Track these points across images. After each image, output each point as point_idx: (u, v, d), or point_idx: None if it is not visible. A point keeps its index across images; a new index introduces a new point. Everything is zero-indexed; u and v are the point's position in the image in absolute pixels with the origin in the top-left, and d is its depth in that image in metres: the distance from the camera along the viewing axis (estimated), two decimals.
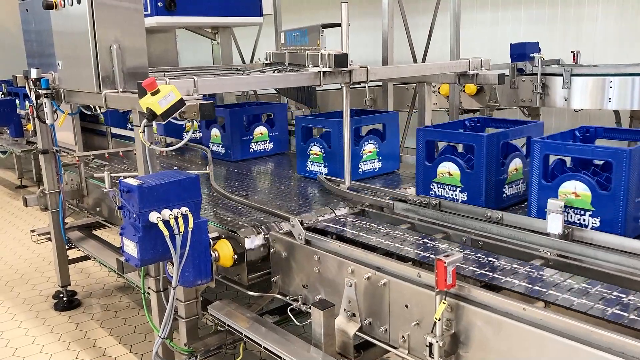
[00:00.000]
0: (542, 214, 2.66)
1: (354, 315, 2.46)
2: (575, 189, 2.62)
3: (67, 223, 4.30)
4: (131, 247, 2.52)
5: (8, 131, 7.94)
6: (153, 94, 2.33)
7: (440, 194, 3.16)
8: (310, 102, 3.99)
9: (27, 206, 4.15)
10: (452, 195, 3.12)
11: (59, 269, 4.28)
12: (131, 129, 5.92)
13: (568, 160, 2.87)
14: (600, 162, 2.85)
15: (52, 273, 4.84)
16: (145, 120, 2.42)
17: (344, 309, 2.49)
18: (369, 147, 3.87)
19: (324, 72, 3.02)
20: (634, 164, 2.48)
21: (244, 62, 7.48)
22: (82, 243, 4.21)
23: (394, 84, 5.59)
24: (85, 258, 4.43)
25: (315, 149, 3.85)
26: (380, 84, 6.59)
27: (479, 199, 3.02)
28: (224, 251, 2.77)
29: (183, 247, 2.49)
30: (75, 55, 3.25)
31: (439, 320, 2.01)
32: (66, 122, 3.98)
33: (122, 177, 2.54)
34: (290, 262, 2.76)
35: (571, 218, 2.63)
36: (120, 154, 4.80)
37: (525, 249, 2.49)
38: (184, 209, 2.50)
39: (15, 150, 7.57)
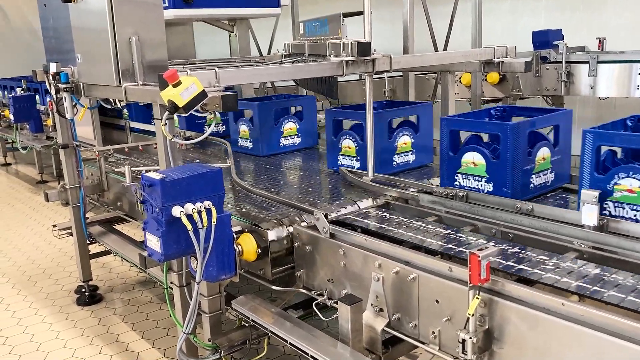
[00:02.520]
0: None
1: (381, 310, 2.40)
2: (631, 186, 2.44)
3: (88, 218, 4.29)
4: (154, 242, 2.48)
5: (28, 127, 7.99)
6: (175, 86, 2.29)
7: (465, 184, 3.08)
8: (332, 94, 3.92)
9: (48, 201, 4.14)
10: (477, 185, 3.04)
11: (81, 264, 4.27)
12: (152, 123, 5.92)
13: (619, 151, 2.75)
14: None
15: (73, 268, 4.85)
16: (167, 112, 2.38)
17: (371, 304, 2.43)
18: (404, 139, 3.74)
19: (346, 62, 2.96)
20: None
21: (261, 54, 7.42)
22: (104, 238, 4.20)
23: (415, 74, 5.49)
24: (106, 252, 4.42)
25: (348, 143, 3.74)
26: (400, 74, 6.51)
27: (506, 189, 2.93)
28: (248, 245, 2.72)
29: (207, 241, 2.45)
30: (94, 49, 3.23)
31: (472, 316, 1.95)
32: (85, 116, 3.96)
33: (144, 171, 2.50)
34: (314, 256, 2.71)
35: (627, 214, 2.47)
36: (140, 148, 4.77)
37: (558, 241, 2.41)
38: (207, 203, 2.45)
39: (35, 145, 7.61)
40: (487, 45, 3.73)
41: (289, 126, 4.43)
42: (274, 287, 2.80)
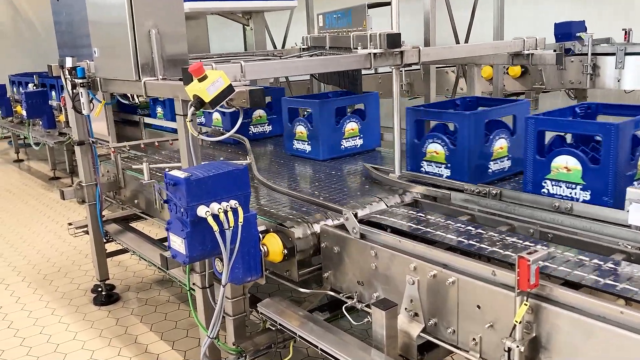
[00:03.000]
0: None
1: (416, 315, 2.29)
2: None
3: (104, 216, 4.21)
4: (178, 243, 2.38)
5: (41, 123, 7.94)
6: (200, 80, 2.18)
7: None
8: (356, 88, 3.79)
9: (64, 199, 4.07)
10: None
11: (97, 263, 4.19)
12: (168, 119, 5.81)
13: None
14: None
15: (89, 266, 4.77)
16: (192, 108, 2.27)
17: (405, 308, 2.32)
18: (500, 143, 3.26)
19: (374, 54, 2.84)
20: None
21: (275, 47, 7.31)
22: (121, 236, 4.11)
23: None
24: (123, 251, 4.33)
25: (435, 147, 3.21)
26: (418, 67, 6.39)
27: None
28: (273, 246, 2.62)
29: (233, 242, 2.35)
30: (112, 42, 3.13)
31: (520, 323, 1.83)
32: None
33: (167, 169, 2.40)
34: (343, 257, 2.60)
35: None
36: (156, 144, 4.68)
37: (603, 242, 2.29)
38: (233, 202, 2.35)
39: (48, 141, 7.55)
40: (516, 37, 3.60)
41: (351, 126, 3.97)
42: (302, 290, 2.70)
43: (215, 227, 2.27)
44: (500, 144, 3.24)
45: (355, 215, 2.54)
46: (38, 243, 5.60)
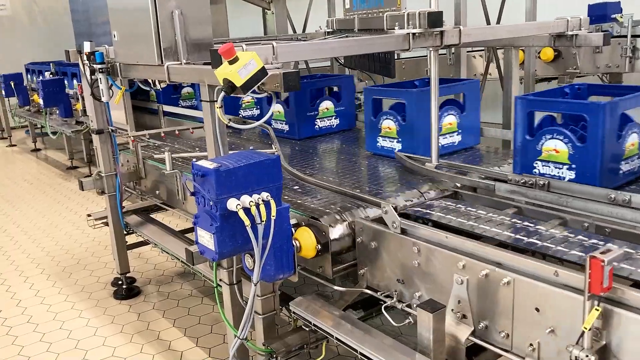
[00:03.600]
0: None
1: (464, 317, 2.12)
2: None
3: (124, 207, 4.07)
4: (207, 239, 2.22)
5: (57, 111, 7.83)
6: (231, 63, 2.00)
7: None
8: (389, 72, 3.59)
9: (83, 190, 3.93)
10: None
11: (118, 255, 4.06)
12: (184, 107, 5.66)
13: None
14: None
15: (109, 258, 4.65)
16: (222, 93, 2.09)
17: (452, 309, 2.15)
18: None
19: (413, 34, 2.64)
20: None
21: (295, 32, 7.10)
22: (142, 228, 3.97)
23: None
24: (144, 243, 4.20)
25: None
26: (444, 52, 6.15)
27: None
28: (306, 241, 2.45)
29: (265, 237, 2.18)
30: (132, 25, 2.96)
31: (589, 330, 1.65)
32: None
33: (194, 160, 2.24)
34: (381, 253, 2.43)
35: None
36: (176, 132, 4.52)
37: None
38: (265, 195, 2.18)
39: (65, 130, 7.44)
40: (559, 17, 3.37)
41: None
42: (336, 288, 2.53)
43: (247, 222, 2.10)
44: (632, 140, 2.75)
45: (395, 209, 2.36)
46: (57, 234, 5.49)
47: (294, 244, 2.40)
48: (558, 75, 5.51)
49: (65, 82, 7.75)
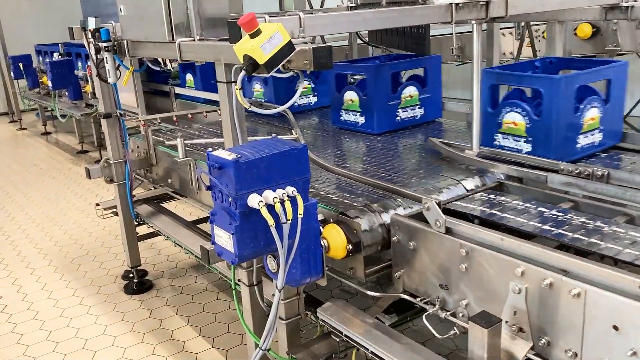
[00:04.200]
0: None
1: (521, 330, 1.84)
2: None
3: (134, 196, 3.81)
4: (225, 239, 1.95)
5: (67, 94, 7.59)
6: (252, 36, 1.71)
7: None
8: (423, 49, 3.28)
9: (90, 178, 3.68)
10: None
11: (128, 248, 3.82)
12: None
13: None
14: None
15: (119, 249, 4.41)
16: (242, 72, 1.80)
17: (506, 321, 1.87)
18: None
19: (456, 5, 2.33)
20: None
21: (312, 8, 6.76)
22: (153, 219, 3.72)
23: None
24: (156, 234, 3.95)
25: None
26: (469, 29, 5.80)
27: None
28: (335, 239, 2.18)
29: (290, 237, 1.91)
30: None
31: None
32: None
33: (210, 149, 1.96)
34: (421, 254, 2.15)
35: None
36: (190, 116, 4.25)
37: None
38: (290, 190, 1.91)
39: (74, 113, 7.21)
40: None
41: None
42: (369, 293, 2.26)
43: (271, 221, 1.83)
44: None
45: (439, 205, 2.07)
46: (65, 222, 5.27)
47: (322, 243, 2.13)
48: (596, 54, 5.14)
49: (75, 63, 7.50)
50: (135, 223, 3.81)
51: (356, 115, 3.46)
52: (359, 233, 2.19)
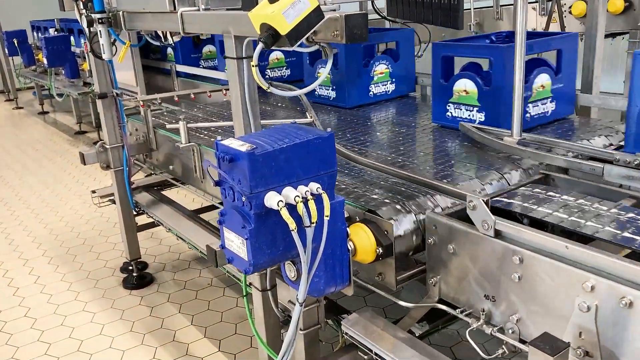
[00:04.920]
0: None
1: (587, 354, 1.55)
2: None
3: (133, 183, 3.52)
4: (237, 245, 1.66)
5: (63, 72, 7.25)
6: (272, 0, 1.39)
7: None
8: (456, 23, 2.95)
9: (85, 164, 3.38)
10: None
11: (127, 240, 3.54)
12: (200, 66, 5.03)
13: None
14: None
15: (118, 238, 4.13)
16: (260, 45, 1.49)
17: (568, 343, 1.58)
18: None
19: None
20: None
21: None
22: (154, 209, 3.43)
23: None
24: (156, 224, 3.66)
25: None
26: (490, 4, 5.44)
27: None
28: (363, 241, 1.89)
29: (314, 241, 1.62)
30: None
31: None
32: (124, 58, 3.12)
33: (219, 139, 1.66)
34: (462, 259, 1.85)
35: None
36: (192, 96, 3.94)
37: None
38: (314, 187, 1.61)
39: (71, 92, 6.89)
40: None
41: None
42: (401, 303, 1.97)
43: (292, 225, 1.54)
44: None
45: (487, 203, 1.77)
46: (62, 209, 4.98)
47: (349, 246, 1.84)
48: (629, 30, 4.80)
49: (72, 39, 7.15)
50: (134, 213, 3.53)
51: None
52: (391, 234, 1.89)
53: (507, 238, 1.73)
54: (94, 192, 3.72)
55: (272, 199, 1.55)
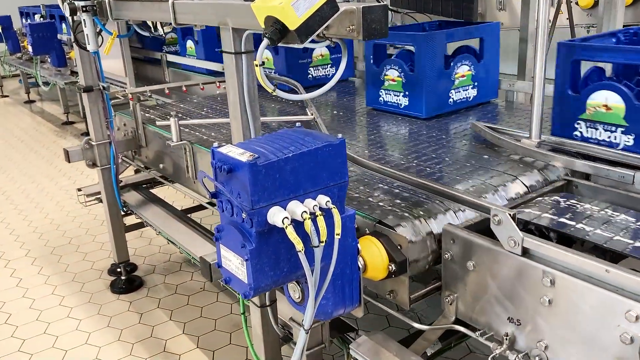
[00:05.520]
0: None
1: None
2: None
3: (121, 181, 3.32)
4: (235, 265, 1.48)
5: (49, 60, 7.00)
6: None
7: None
8: (471, 15, 2.76)
9: (69, 162, 3.17)
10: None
11: (115, 242, 3.35)
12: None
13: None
14: None
15: (105, 237, 3.93)
16: (265, 42, 1.29)
17: None
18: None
19: None
20: None
21: None
22: (143, 210, 3.23)
23: None
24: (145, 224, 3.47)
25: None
26: None
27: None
28: (375, 257, 1.71)
29: (323, 260, 1.44)
30: None
31: None
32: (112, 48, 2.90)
33: (215, 145, 1.47)
34: (482, 277, 1.68)
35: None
36: (184, 89, 3.73)
37: None
38: (323, 200, 1.43)
39: (58, 81, 6.64)
40: None
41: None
42: (416, 326, 1.80)
43: (300, 246, 1.36)
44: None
45: (513, 217, 1.59)
46: (47, 204, 4.77)
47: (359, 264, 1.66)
48: (638, 22, 4.63)
49: (59, 26, 6.89)
50: (123, 213, 3.33)
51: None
52: (405, 249, 1.72)
53: (536, 257, 1.56)
54: (79, 190, 3.51)
55: (276, 216, 1.37)
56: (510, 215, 1.58)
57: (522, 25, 3.59)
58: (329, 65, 3.56)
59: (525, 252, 1.58)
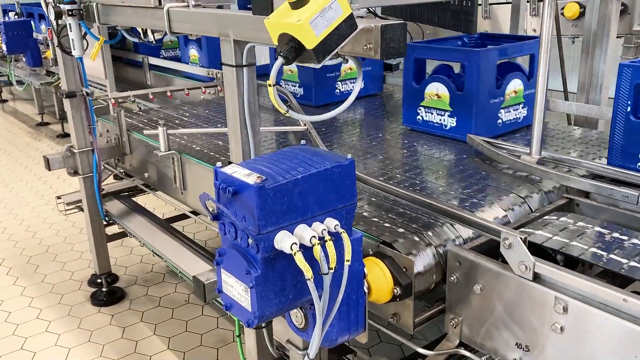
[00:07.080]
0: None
1: None
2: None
3: (103, 189, 3.21)
4: (238, 291, 1.40)
5: (24, 59, 6.78)
6: (296, 5, 1.13)
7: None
8: (469, 26, 2.72)
9: (50, 170, 3.04)
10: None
11: (96, 252, 3.23)
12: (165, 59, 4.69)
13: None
14: None
15: (85, 246, 3.80)
16: (280, 60, 1.22)
17: None
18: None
19: None
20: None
21: None
22: (126, 220, 3.12)
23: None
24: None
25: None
26: (480, 2, 5.26)
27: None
28: (379, 280, 1.66)
29: (332, 286, 1.37)
30: None
31: None
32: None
33: (218, 165, 1.39)
34: (490, 301, 1.64)
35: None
36: (169, 94, 3.63)
37: None
38: (332, 224, 1.37)
39: (33, 81, 6.44)
40: None
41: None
42: (420, 350, 1.74)
43: (309, 273, 1.29)
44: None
45: (525, 241, 1.55)
46: (22, 211, 4.60)
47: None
48: (624, 35, 4.67)
49: (35, 24, 6.68)
50: (105, 223, 3.21)
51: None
52: (410, 272, 1.66)
53: (547, 282, 1.52)
54: (59, 197, 3.38)
55: (284, 241, 1.30)
56: (521, 239, 1.54)
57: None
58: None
59: (536, 277, 1.53)
